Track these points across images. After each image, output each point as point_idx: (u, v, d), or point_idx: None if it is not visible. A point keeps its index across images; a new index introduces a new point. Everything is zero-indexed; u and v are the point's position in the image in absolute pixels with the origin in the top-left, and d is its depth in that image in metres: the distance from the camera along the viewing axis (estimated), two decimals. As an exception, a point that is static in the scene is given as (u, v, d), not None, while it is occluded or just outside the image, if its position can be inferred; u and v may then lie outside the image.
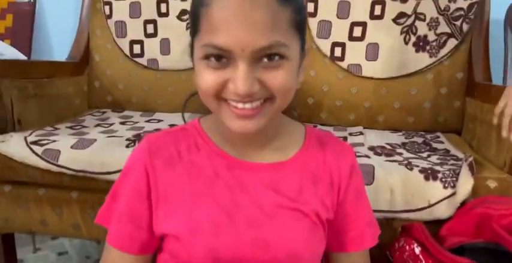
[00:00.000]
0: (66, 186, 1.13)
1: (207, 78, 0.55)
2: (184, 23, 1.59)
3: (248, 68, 0.53)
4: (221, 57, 0.54)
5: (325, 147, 0.68)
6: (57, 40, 1.98)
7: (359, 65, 1.47)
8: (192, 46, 0.60)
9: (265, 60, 0.54)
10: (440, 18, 1.43)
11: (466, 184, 0.93)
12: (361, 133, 1.38)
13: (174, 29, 1.59)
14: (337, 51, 1.48)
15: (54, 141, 1.15)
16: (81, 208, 1.14)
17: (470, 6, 1.41)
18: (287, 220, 0.62)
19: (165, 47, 1.60)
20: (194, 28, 0.58)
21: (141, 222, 0.64)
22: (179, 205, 0.62)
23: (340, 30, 1.48)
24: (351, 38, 1.47)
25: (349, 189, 0.68)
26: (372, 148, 1.20)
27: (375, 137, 1.34)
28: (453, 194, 0.95)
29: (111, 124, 1.41)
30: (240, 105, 0.55)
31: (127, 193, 0.65)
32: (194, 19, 0.57)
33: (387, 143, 1.27)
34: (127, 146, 1.13)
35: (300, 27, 0.57)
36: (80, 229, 1.15)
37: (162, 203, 0.63)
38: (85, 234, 1.16)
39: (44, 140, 1.15)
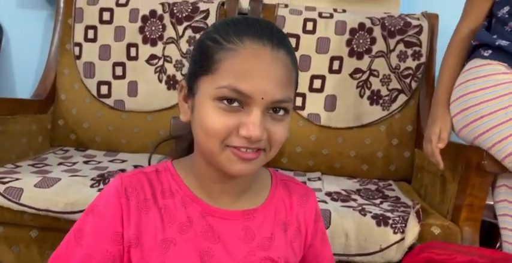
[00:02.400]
0: (26, 224, 1.12)
1: (218, 120, 0.57)
2: (153, 67, 1.65)
3: (261, 115, 0.57)
4: (235, 101, 0.57)
5: (290, 191, 0.71)
6: (20, 78, 1.98)
7: (318, 114, 1.57)
8: (192, 83, 0.61)
9: (271, 111, 0.58)
10: (392, 76, 1.56)
11: (413, 229, 1.01)
12: (319, 179, 1.46)
13: (143, 73, 1.65)
14: (298, 101, 1.58)
15: (17, 179, 1.14)
16: (39, 247, 1.12)
17: (418, 66, 1.56)
18: None
19: (133, 89, 1.65)
20: (205, 67, 0.58)
21: None
22: (150, 250, 0.61)
23: (301, 82, 1.56)
24: (311, 89, 1.58)
25: (315, 233, 0.72)
26: (329, 194, 1.27)
27: (332, 183, 1.42)
28: (402, 239, 1.02)
29: (74, 163, 1.41)
30: (243, 149, 0.58)
31: (100, 234, 0.61)
32: (207, 59, 0.58)
33: (343, 189, 1.34)
34: (92, 186, 1.14)
35: (296, 87, 0.64)
36: (37, 269, 1.14)
37: (133, 248, 0.62)
38: (42, 275, 1.14)
39: (6, 177, 1.15)
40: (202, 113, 0.58)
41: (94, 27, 1.66)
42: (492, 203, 1.39)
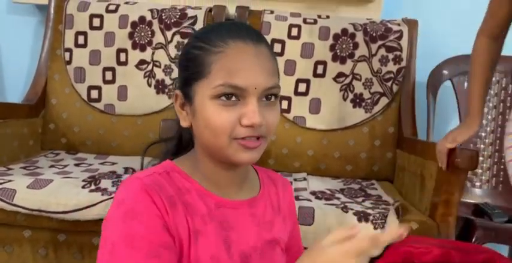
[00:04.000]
0: (19, 225, 1.15)
1: (221, 116, 0.63)
2: (142, 72, 1.69)
3: (257, 103, 0.63)
4: (232, 95, 0.63)
5: (274, 181, 0.79)
6: (11, 83, 2.00)
7: (303, 117, 1.62)
8: (187, 90, 0.66)
9: (264, 99, 0.65)
10: (374, 79, 1.62)
11: (392, 225, 1.06)
12: (305, 179, 1.50)
13: (132, 77, 1.68)
14: (284, 104, 1.63)
15: (10, 181, 1.18)
16: (32, 246, 1.15)
17: (399, 70, 1.62)
18: (267, 250, 0.72)
19: (123, 93, 1.69)
20: (198, 73, 0.64)
21: (177, 252, 0.63)
22: (185, 242, 0.64)
23: (286, 86, 1.63)
24: (296, 93, 1.63)
25: (295, 215, 0.83)
26: (313, 193, 1.32)
27: (317, 183, 1.47)
28: (382, 234, 1.07)
29: (66, 166, 1.45)
30: (248, 138, 0.64)
31: (153, 231, 0.61)
32: (199, 65, 0.64)
33: (327, 189, 1.39)
34: (83, 187, 1.18)
35: (279, 75, 0.70)
36: (30, 268, 1.16)
37: (176, 242, 0.63)
38: (34, 274, 1.17)
39: (-1, 179, 1.18)
40: (205, 114, 0.64)
41: (84, 33, 1.70)
42: (469, 201, 1.46)
